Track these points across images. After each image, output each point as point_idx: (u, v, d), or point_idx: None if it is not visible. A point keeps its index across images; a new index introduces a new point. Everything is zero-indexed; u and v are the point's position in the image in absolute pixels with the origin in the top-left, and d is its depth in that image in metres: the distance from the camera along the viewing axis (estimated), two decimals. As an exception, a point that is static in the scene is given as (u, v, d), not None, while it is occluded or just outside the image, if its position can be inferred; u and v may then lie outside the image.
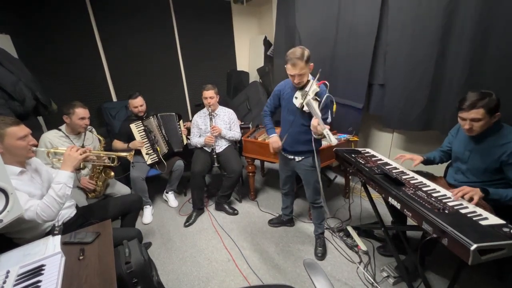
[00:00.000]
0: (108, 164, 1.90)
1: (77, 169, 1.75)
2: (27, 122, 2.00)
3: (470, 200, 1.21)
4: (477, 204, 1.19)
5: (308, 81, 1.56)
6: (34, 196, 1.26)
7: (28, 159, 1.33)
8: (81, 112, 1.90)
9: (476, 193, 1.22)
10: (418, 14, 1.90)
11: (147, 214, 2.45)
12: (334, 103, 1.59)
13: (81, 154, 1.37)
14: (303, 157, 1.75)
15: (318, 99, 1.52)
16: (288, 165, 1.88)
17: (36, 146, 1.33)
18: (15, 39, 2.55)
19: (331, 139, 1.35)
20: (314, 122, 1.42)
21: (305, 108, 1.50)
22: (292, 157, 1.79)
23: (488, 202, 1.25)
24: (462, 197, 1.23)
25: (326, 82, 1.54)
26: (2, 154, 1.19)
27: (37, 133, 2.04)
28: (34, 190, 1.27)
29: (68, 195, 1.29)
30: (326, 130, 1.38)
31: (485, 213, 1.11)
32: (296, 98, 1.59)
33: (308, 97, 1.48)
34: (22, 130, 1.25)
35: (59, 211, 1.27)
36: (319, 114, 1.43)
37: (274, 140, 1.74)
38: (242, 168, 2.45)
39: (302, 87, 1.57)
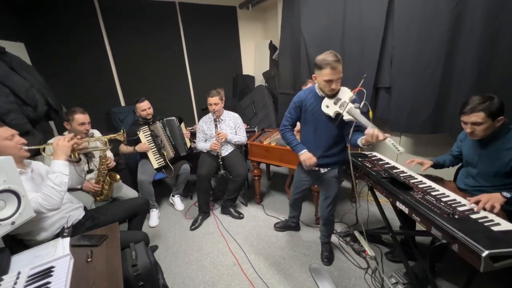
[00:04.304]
0: (110, 171, 1.94)
1: (77, 161, 1.77)
2: (39, 126, 2.09)
3: (492, 208, 1.14)
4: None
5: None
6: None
7: (23, 159, 1.35)
8: (80, 118, 1.89)
9: (497, 200, 1.15)
10: (423, 17, 1.88)
11: (154, 217, 2.47)
12: (370, 110, 1.47)
13: (68, 141, 1.37)
14: (328, 169, 1.68)
15: (358, 106, 1.39)
16: (308, 176, 1.79)
17: (26, 145, 1.33)
18: (28, 47, 2.66)
19: (398, 147, 1.20)
20: (370, 130, 1.28)
21: (346, 117, 1.38)
22: (316, 168, 1.68)
23: (504, 207, 1.19)
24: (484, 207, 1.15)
25: (363, 89, 1.39)
26: None
27: (48, 136, 2.10)
28: (36, 188, 1.29)
29: (66, 183, 1.29)
30: (389, 139, 1.24)
31: (497, 219, 1.08)
32: (327, 107, 1.46)
33: (350, 105, 1.36)
34: (5, 131, 1.27)
35: (61, 200, 1.27)
36: (367, 120, 1.31)
37: (308, 156, 1.57)
38: (248, 172, 2.45)
39: (333, 95, 1.47)
